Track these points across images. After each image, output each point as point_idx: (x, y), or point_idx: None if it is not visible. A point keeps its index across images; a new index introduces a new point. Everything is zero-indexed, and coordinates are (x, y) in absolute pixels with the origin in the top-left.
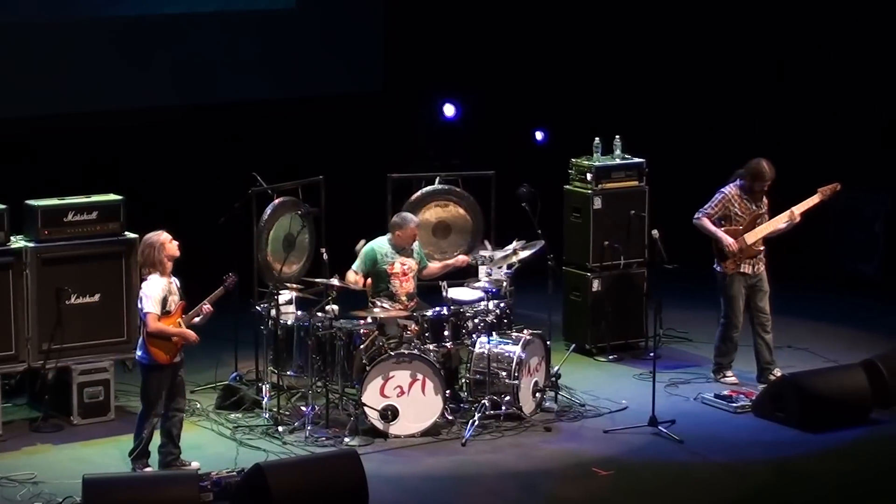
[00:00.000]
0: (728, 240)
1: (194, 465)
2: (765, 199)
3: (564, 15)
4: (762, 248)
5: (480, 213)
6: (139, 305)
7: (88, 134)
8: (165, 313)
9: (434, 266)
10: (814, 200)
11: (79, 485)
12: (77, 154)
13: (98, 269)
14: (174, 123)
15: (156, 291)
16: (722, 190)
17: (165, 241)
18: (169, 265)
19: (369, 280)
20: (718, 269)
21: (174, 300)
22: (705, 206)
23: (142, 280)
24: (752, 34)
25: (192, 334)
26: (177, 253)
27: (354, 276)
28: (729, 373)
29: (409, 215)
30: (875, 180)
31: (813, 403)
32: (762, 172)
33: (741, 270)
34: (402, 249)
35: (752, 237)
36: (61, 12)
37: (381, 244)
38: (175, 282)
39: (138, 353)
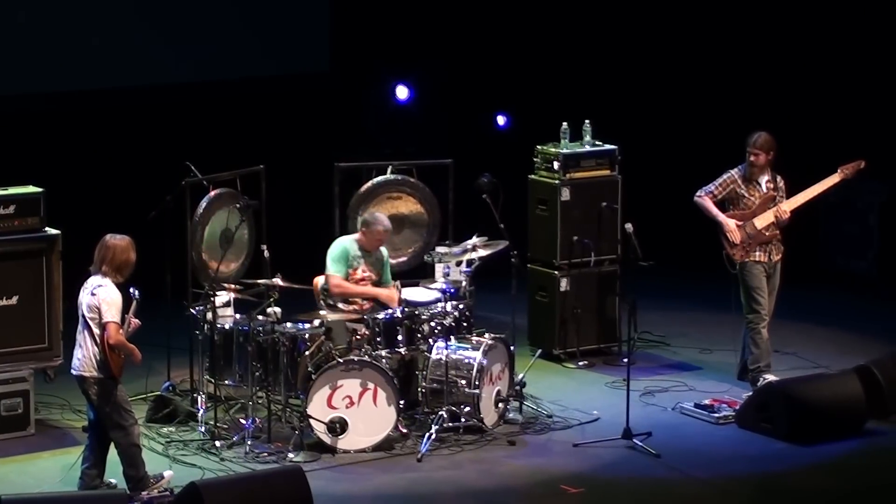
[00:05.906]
0: (729, 224)
1: (167, 474)
2: (780, 182)
3: None
4: (775, 233)
5: (437, 206)
6: (100, 314)
7: (4, 119)
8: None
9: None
10: (833, 180)
11: None
12: None
13: (16, 268)
14: (100, 108)
15: (119, 300)
16: (730, 171)
17: (132, 247)
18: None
19: (317, 280)
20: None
21: None
22: (708, 185)
23: (86, 280)
24: (740, 9)
25: (138, 353)
26: None
27: (341, 281)
28: (768, 376)
29: (381, 216)
30: (869, 168)
31: (802, 413)
32: (750, 137)
33: (754, 259)
34: (368, 254)
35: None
36: None
37: (352, 244)
38: None
39: (96, 374)
